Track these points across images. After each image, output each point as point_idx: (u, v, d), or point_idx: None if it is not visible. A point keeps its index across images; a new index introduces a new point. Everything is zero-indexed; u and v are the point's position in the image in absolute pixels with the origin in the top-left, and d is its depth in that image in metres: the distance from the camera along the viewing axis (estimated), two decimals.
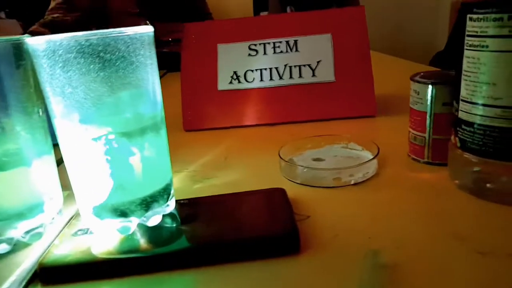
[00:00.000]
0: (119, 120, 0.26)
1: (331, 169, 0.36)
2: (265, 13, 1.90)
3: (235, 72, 0.58)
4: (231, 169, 0.43)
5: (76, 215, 0.32)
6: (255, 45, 0.59)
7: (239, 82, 0.58)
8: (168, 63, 0.84)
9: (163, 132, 0.29)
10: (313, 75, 0.57)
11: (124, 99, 0.26)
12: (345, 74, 0.56)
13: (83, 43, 0.24)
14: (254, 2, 2.00)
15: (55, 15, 1.37)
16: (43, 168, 0.29)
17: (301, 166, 0.37)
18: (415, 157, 0.39)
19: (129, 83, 0.26)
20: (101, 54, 0.24)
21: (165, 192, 0.30)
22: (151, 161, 0.28)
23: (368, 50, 0.57)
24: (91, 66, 0.24)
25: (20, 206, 0.28)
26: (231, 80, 0.58)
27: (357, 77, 0.56)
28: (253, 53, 0.59)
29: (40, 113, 0.29)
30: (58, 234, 0.30)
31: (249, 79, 0.58)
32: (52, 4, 1.37)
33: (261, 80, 0.58)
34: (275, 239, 0.27)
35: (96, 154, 0.26)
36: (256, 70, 0.58)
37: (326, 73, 0.56)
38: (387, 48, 1.57)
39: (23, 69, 0.28)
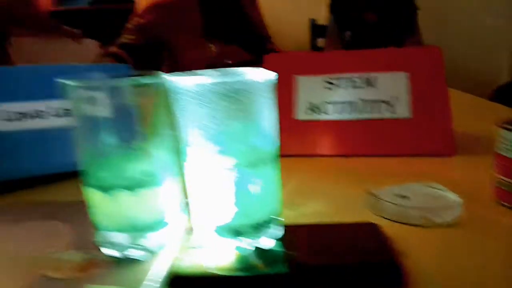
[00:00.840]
0: (246, 152, 0.30)
1: (421, 208, 0.38)
2: (322, 39, 1.94)
3: (312, 103, 0.62)
4: (316, 198, 0.45)
5: (189, 231, 0.35)
6: (333, 78, 0.62)
7: (316, 113, 0.61)
8: None
9: (277, 164, 0.32)
10: (389, 111, 0.59)
11: (251, 135, 0.30)
12: (422, 112, 0.58)
13: (227, 87, 0.27)
14: (311, 27, 2.04)
15: (130, 37, 1.46)
16: (171, 188, 0.33)
17: (391, 202, 0.39)
18: (504, 202, 0.40)
19: (256, 121, 0.30)
20: (239, 97, 0.28)
21: (275, 217, 0.33)
22: (268, 189, 0.31)
23: (446, 89, 0.59)
24: (232, 106, 0.28)
25: (151, 219, 0.32)
26: (307, 111, 0.61)
27: (434, 114, 0.58)
28: (330, 86, 0.62)
29: (172, 140, 0.33)
30: (178, 247, 0.33)
31: (326, 110, 0.61)
32: (127, 27, 1.46)
33: (337, 112, 0.60)
34: (379, 269, 0.29)
35: (225, 181, 0.30)
36: (333, 103, 0.61)
37: (403, 110, 0.58)
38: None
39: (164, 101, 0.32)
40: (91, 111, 0.30)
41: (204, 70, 0.32)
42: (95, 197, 0.31)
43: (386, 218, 0.39)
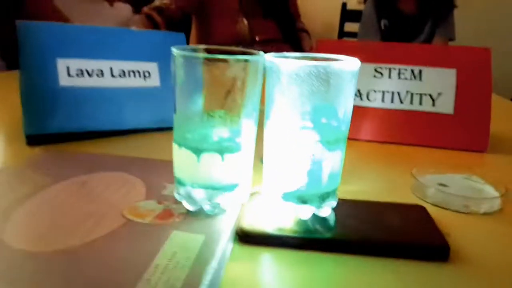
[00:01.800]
0: (325, 129, 0.34)
1: (463, 196, 0.42)
2: (351, 24, 1.93)
3: (358, 90, 0.65)
4: (360, 179, 0.49)
5: (254, 194, 0.40)
6: (381, 68, 0.65)
7: (361, 99, 0.64)
8: None
9: (345, 144, 0.36)
10: (433, 105, 0.62)
11: (333, 114, 0.34)
12: (464, 109, 0.61)
13: (320, 70, 0.31)
14: (342, 11, 2.04)
15: (165, 1, 1.49)
16: (250, 154, 0.37)
17: (435, 188, 0.43)
18: None
19: (340, 102, 0.33)
20: (330, 80, 0.32)
21: (335, 191, 0.37)
22: (335, 166, 0.35)
23: (490, 90, 0.61)
24: (320, 87, 0.32)
25: (229, 180, 0.36)
26: (354, 97, 0.65)
27: (475, 113, 0.60)
28: (378, 75, 0.65)
29: (256, 113, 0.37)
30: (244, 207, 0.38)
31: (371, 98, 0.64)
32: None
33: (383, 101, 0.64)
34: (427, 246, 0.34)
35: (301, 152, 0.34)
36: (379, 91, 0.64)
37: (446, 105, 0.61)
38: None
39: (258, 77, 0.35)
40: (187, 79, 0.34)
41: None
42: (183, 156, 0.35)
43: (428, 202, 0.43)
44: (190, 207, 0.36)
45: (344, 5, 2.00)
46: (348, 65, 0.33)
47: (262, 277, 0.31)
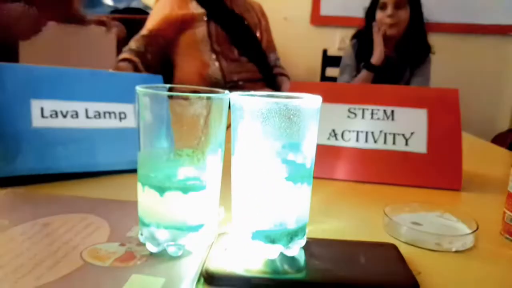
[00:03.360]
0: (292, 166, 0.34)
1: (434, 234, 0.41)
2: (332, 69, 2.00)
3: (333, 130, 0.66)
4: (335, 217, 0.49)
5: (221, 234, 0.39)
6: (355, 109, 0.66)
7: (336, 139, 0.65)
8: None
9: (311, 180, 0.36)
10: (406, 144, 0.63)
11: (298, 151, 0.33)
12: (436, 148, 0.62)
13: (281, 107, 0.31)
14: (323, 57, 2.11)
15: (138, 44, 1.52)
16: (213, 192, 0.36)
17: (407, 226, 0.42)
18: (511, 237, 0.44)
19: (303, 139, 0.33)
20: (291, 116, 0.32)
21: (304, 228, 0.36)
22: (303, 202, 0.35)
23: (460, 128, 0.63)
24: (282, 124, 0.32)
25: (194, 220, 0.35)
26: (329, 137, 0.65)
27: (447, 152, 0.61)
28: (352, 115, 0.66)
29: (221, 150, 0.37)
30: (211, 248, 0.36)
31: (345, 138, 0.65)
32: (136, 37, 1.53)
33: (357, 141, 0.64)
34: (396, 284, 0.33)
35: (269, 190, 0.33)
36: (353, 131, 0.65)
37: (419, 145, 0.62)
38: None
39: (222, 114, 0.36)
40: (152, 117, 0.34)
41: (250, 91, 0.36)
42: (146, 195, 0.35)
43: (401, 241, 0.42)
44: (153, 249, 0.35)
45: (325, 51, 2.08)
46: (309, 102, 0.33)
47: None
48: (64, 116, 0.59)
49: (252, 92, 0.35)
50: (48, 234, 0.37)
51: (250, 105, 0.32)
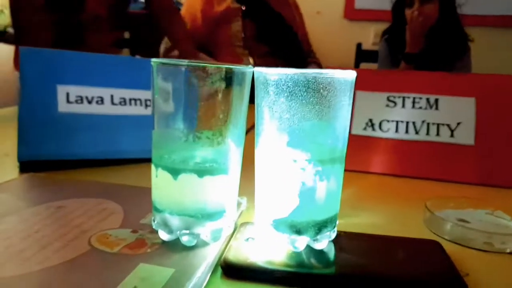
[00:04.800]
0: (318, 148, 0.30)
1: (484, 232, 0.36)
2: (365, 64, 1.93)
3: (370, 120, 0.61)
4: (370, 211, 0.44)
5: (243, 224, 0.35)
6: (394, 97, 0.61)
7: (373, 130, 0.60)
8: None
9: (343, 166, 0.32)
10: (452, 135, 0.57)
11: (327, 131, 0.30)
12: (486, 140, 0.55)
13: (310, 79, 0.28)
14: (357, 51, 2.03)
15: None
16: (232, 177, 0.33)
17: (453, 222, 0.37)
18: None
19: (334, 118, 0.29)
20: (321, 90, 0.28)
21: (334, 220, 0.32)
22: (332, 190, 0.31)
23: None
24: (311, 99, 0.28)
25: (213, 208, 0.32)
26: (366, 127, 0.61)
27: (498, 145, 0.55)
28: (391, 104, 0.61)
29: (243, 132, 0.33)
30: (231, 238, 0.33)
31: (384, 128, 0.60)
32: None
33: (396, 131, 0.59)
34: (440, 285, 0.28)
35: (292, 174, 0.30)
36: (392, 121, 0.60)
37: (466, 136, 0.56)
38: None
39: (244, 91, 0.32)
40: (167, 92, 0.31)
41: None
42: (162, 179, 0.32)
43: (445, 239, 0.37)
44: (165, 237, 0.32)
45: (359, 45, 2.00)
46: (341, 75, 0.29)
47: None
48: (90, 102, 0.58)
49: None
50: (60, 217, 0.35)
51: (275, 78, 0.29)
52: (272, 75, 0.29)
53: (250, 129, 0.32)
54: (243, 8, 1.34)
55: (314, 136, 0.30)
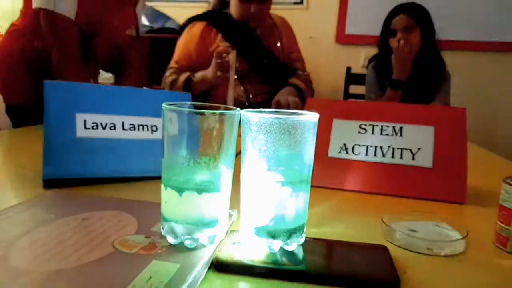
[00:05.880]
0: (291, 173, 0.39)
1: (426, 239, 0.45)
2: (355, 86, 2.04)
3: (344, 144, 0.70)
4: (339, 223, 0.53)
5: (232, 231, 0.44)
6: (366, 125, 0.71)
7: (347, 153, 0.70)
8: None
9: (309, 186, 0.41)
10: (413, 158, 0.67)
11: (296, 159, 0.39)
12: (442, 163, 0.65)
13: (282, 122, 0.37)
14: (347, 75, 2.14)
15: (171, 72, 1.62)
16: (224, 194, 0.42)
17: (402, 231, 0.47)
18: (500, 246, 0.47)
19: (300, 149, 0.39)
20: (290, 129, 0.38)
21: (302, 228, 0.41)
22: (300, 204, 0.40)
23: (466, 146, 0.66)
24: (283, 136, 0.38)
25: (208, 218, 0.41)
26: (340, 150, 0.70)
27: (453, 167, 0.65)
28: (363, 131, 0.70)
29: (232, 159, 0.43)
30: (222, 241, 0.42)
31: (356, 152, 0.69)
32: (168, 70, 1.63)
33: (366, 154, 0.69)
34: (380, 280, 0.37)
35: (270, 192, 0.39)
36: (363, 145, 0.69)
37: (425, 159, 0.66)
38: (481, 139, 1.62)
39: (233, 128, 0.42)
40: (174, 130, 0.41)
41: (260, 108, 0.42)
42: (168, 195, 0.41)
43: (396, 246, 0.46)
44: (172, 241, 0.41)
45: (348, 69, 2.13)
46: (305, 118, 0.39)
47: None
48: (104, 128, 0.67)
49: (260, 109, 0.41)
50: (86, 226, 0.45)
51: (255, 120, 0.38)
52: (253, 117, 0.38)
53: (238, 153, 0.42)
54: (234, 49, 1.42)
55: (286, 163, 0.39)
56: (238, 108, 0.42)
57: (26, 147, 0.91)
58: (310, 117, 0.39)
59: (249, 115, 0.39)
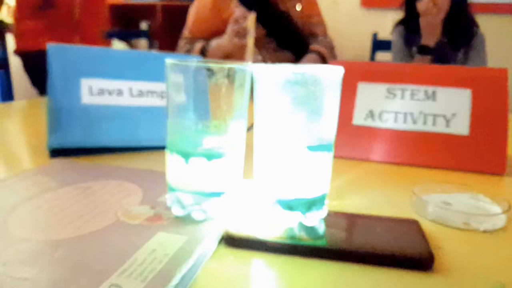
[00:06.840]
0: (310, 135, 0.34)
1: (462, 212, 0.40)
2: (381, 53, 1.94)
3: (370, 111, 0.65)
4: (362, 195, 0.49)
5: (243, 202, 0.40)
6: (394, 88, 0.65)
7: (373, 120, 0.64)
8: None
9: (332, 152, 0.37)
10: (447, 125, 0.60)
11: (316, 121, 0.34)
12: (480, 130, 0.59)
13: (300, 77, 0.32)
14: (373, 41, 2.04)
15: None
16: (235, 160, 0.38)
17: (434, 204, 0.42)
18: None
19: (321, 109, 0.34)
20: (309, 87, 0.33)
21: (323, 199, 0.37)
22: (323, 173, 0.36)
23: (507, 111, 0.59)
24: (300, 93, 0.33)
25: (217, 186, 0.37)
26: (366, 117, 0.65)
27: (491, 134, 0.58)
28: (391, 96, 0.64)
29: (244, 121, 0.38)
30: (232, 213, 0.38)
31: (383, 119, 0.64)
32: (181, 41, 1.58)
33: (395, 121, 0.63)
34: (411, 256, 0.33)
35: (286, 159, 0.34)
36: (392, 112, 0.63)
37: (461, 126, 0.60)
38: None
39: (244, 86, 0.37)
40: (178, 88, 0.36)
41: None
42: (175, 162, 0.37)
43: (429, 220, 0.42)
44: (179, 212, 0.37)
45: (374, 35, 2.02)
46: (327, 72, 0.33)
47: (240, 276, 0.32)
48: (110, 94, 0.63)
49: (277, 65, 0.35)
50: (88, 195, 0.41)
51: (269, 75, 0.33)
52: (267, 73, 0.33)
53: (250, 128, 0.37)
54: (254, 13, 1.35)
55: (304, 125, 0.34)
56: (249, 63, 0.37)
57: (42, 116, 0.89)
58: (333, 72, 0.34)
59: (261, 70, 0.34)
